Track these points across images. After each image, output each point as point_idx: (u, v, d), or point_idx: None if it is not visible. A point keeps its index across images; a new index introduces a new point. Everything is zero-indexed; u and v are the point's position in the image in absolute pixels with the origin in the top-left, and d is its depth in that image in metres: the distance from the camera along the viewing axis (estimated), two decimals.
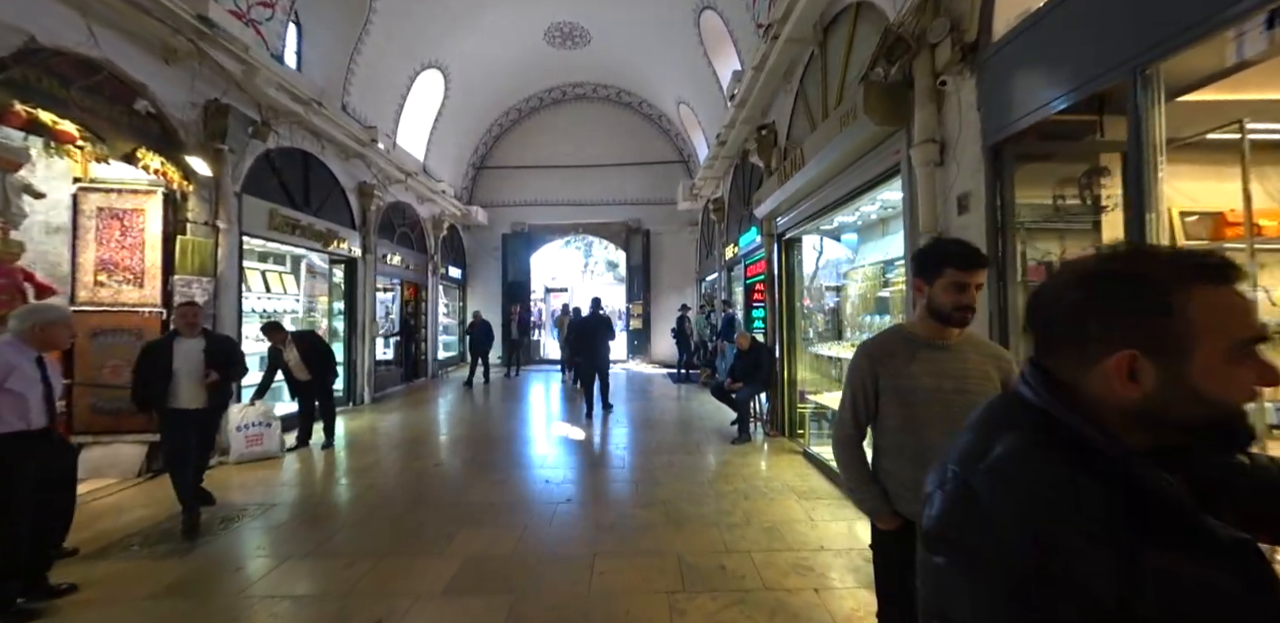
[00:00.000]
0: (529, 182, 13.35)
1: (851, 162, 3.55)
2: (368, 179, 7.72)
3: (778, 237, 5.75)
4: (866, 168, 3.43)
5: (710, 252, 11.06)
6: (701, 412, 7.04)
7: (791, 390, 5.64)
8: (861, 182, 3.55)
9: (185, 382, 3.25)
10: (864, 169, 3.46)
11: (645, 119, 13.19)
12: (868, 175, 3.44)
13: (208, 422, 3.49)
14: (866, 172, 3.43)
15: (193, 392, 3.28)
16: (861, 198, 3.79)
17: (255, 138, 5.14)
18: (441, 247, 10.99)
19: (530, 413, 7.14)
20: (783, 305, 5.70)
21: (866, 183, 3.50)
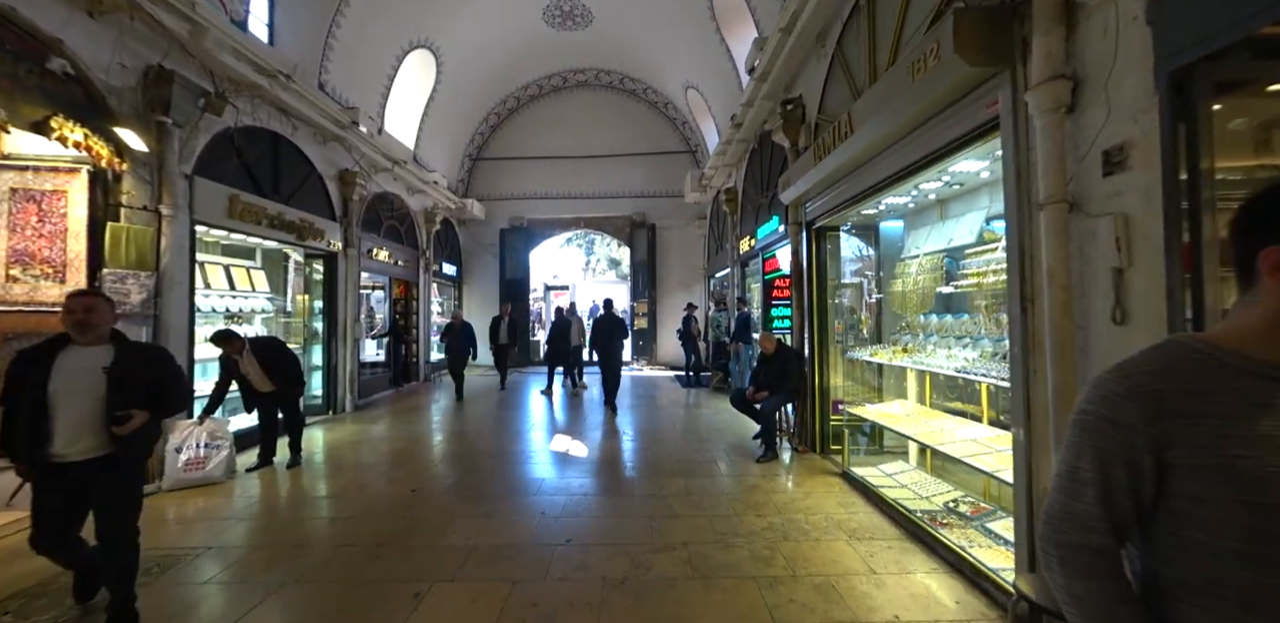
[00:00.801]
0: (528, 174, 12.67)
1: (920, 123, 2.84)
2: (349, 166, 7.04)
3: (807, 225, 5.05)
4: (941, 130, 2.72)
5: (721, 246, 10.35)
6: (716, 421, 6.35)
7: (824, 400, 4.95)
8: (931, 149, 2.85)
9: (67, 415, 2.13)
10: (937, 132, 2.76)
11: (650, 107, 12.49)
12: (942, 139, 2.73)
13: (110, 485, 2.19)
14: (940, 134, 2.73)
15: (80, 433, 2.14)
16: (924, 172, 3.08)
17: (209, 112, 4.46)
18: (434, 242, 10.32)
19: (527, 424, 6.46)
20: (813, 303, 5.00)
21: (938, 150, 2.80)
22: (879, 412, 3.97)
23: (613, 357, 6.97)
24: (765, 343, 5.02)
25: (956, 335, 3.40)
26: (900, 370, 4.32)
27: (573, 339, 8.52)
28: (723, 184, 9.28)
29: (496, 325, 8.83)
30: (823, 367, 4.96)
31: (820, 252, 4.99)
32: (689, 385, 9.16)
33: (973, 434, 3.13)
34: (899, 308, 4.13)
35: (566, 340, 8.61)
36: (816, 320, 4.98)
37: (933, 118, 2.74)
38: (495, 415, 6.84)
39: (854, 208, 4.15)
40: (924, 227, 3.98)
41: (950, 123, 2.65)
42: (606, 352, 6.96)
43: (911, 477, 3.91)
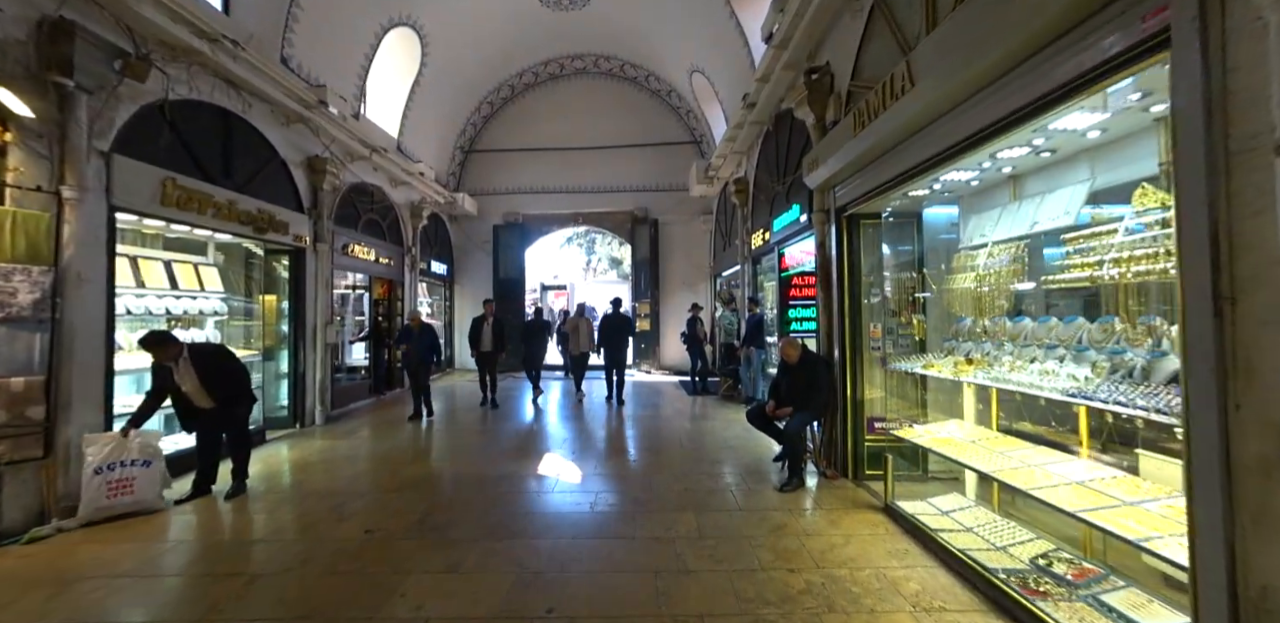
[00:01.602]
0: (523, 167, 11.96)
1: (1019, 61, 2.12)
2: (318, 152, 6.34)
3: (836, 212, 4.33)
4: (1050, 67, 2.00)
5: (729, 243, 9.64)
6: (727, 436, 5.63)
7: (857, 417, 4.23)
8: (1029, 99, 2.12)
9: None
10: (1044, 71, 2.03)
11: (652, 95, 11.77)
12: (1049, 81, 2.01)
13: None
14: (1048, 74, 2.01)
15: None
16: (1008, 134, 2.36)
17: (129, 77, 3.76)
18: (421, 238, 9.62)
19: (512, 442, 5.74)
20: (843, 304, 4.28)
21: (1041, 99, 2.08)
22: (933, 437, 3.25)
23: (619, 352, 7.61)
24: (788, 350, 4.30)
25: (1045, 343, 2.67)
26: (952, 384, 3.60)
27: (581, 345, 7.84)
28: (731, 174, 8.57)
29: (478, 328, 7.35)
30: (855, 378, 4.24)
31: (853, 243, 4.27)
32: (695, 393, 8.44)
33: (1073, 474, 2.41)
34: (957, 309, 3.41)
35: (540, 343, 8.07)
36: (848, 324, 4.26)
37: (1042, 50, 2.02)
38: (479, 430, 6.13)
39: (900, 189, 3.43)
40: (990, 210, 3.25)
41: (1068, 55, 1.92)
42: (612, 347, 7.57)
43: (975, 517, 3.19)
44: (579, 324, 7.91)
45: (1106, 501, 2.06)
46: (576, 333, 7.86)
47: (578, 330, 7.87)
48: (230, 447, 4.03)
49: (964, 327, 3.48)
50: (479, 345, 7.38)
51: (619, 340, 7.59)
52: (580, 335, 7.85)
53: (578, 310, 8.25)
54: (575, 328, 7.90)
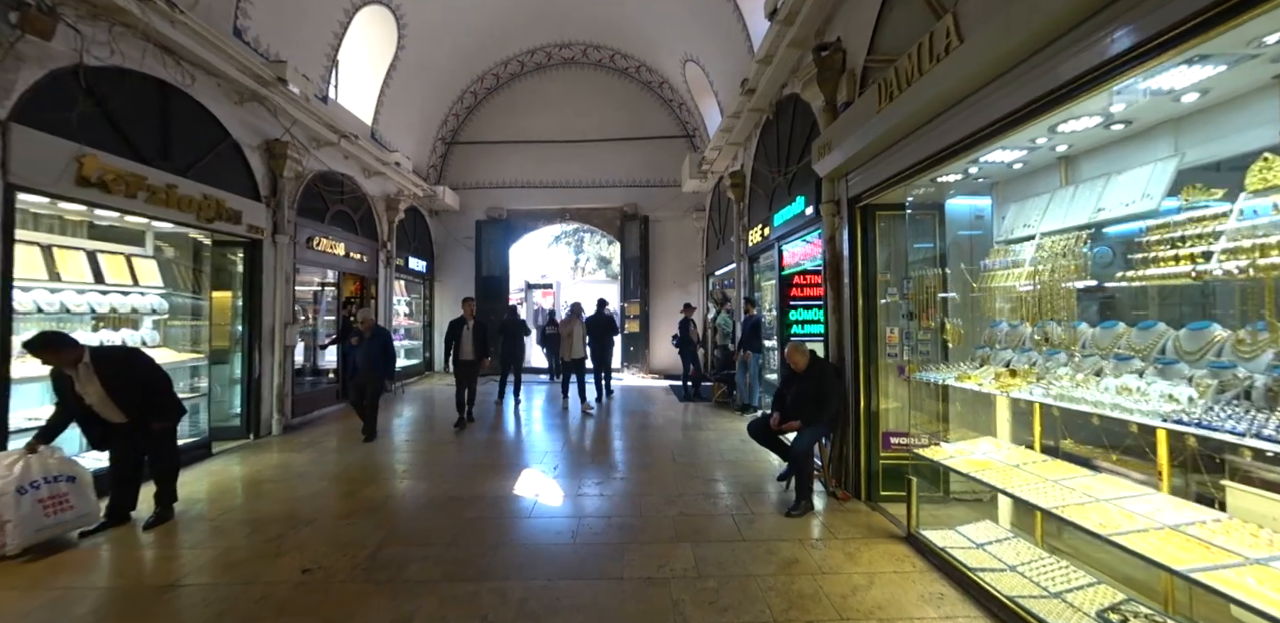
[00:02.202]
0: (508, 160, 11.42)
1: None
2: (278, 135, 5.76)
3: (850, 203, 3.90)
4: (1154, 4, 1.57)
5: (723, 240, 9.21)
6: (723, 448, 5.17)
7: (871, 431, 3.80)
8: (1122, 48, 1.69)
9: None
10: (1148, 7, 1.60)
11: (644, 87, 11.32)
12: (1159, 23, 1.57)
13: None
14: (1161, 13, 1.57)
15: None
16: (1083, 97, 1.93)
17: (30, 34, 3.19)
18: (398, 233, 9.04)
19: (486, 455, 5.23)
20: (856, 305, 3.85)
21: (1137, 49, 1.64)
22: (968, 459, 2.82)
23: (604, 353, 7.55)
24: (795, 356, 3.85)
25: (1111, 352, 2.25)
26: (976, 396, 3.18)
27: (576, 349, 7.11)
28: (726, 168, 8.14)
29: (457, 332, 6.14)
30: (869, 387, 3.81)
31: (867, 238, 3.84)
32: (687, 398, 7.99)
33: (1159, 513, 1.98)
34: (993, 311, 2.98)
35: (516, 343, 7.52)
36: (861, 327, 3.83)
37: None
38: (451, 441, 5.59)
39: (928, 174, 3.01)
40: (1034, 197, 2.83)
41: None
42: (598, 349, 7.46)
43: (1017, 552, 2.76)
44: (573, 327, 7.11)
45: (1221, 555, 1.63)
46: (570, 337, 7.06)
47: (572, 335, 7.07)
48: (152, 467, 3.47)
49: (999, 332, 3.06)
50: (459, 352, 6.11)
51: (605, 342, 7.49)
52: (574, 339, 7.06)
53: (571, 311, 7.30)
54: (570, 332, 7.09)
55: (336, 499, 3.85)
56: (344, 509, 3.65)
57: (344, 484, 4.19)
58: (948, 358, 3.68)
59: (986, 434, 3.27)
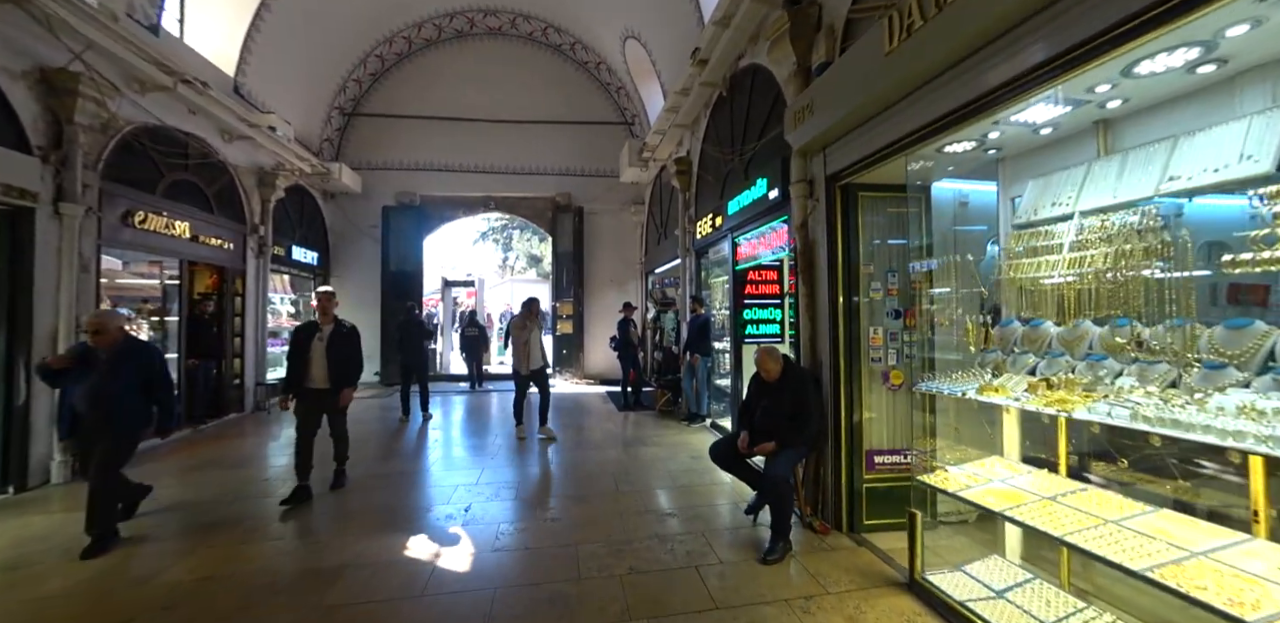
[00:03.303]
0: (422, 139, 10.03)
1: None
2: (60, 63, 4.18)
3: (828, 181, 3.30)
4: None
5: (664, 234, 8.55)
6: (673, 468, 4.44)
7: (853, 448, 3.21)
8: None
9: None
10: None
11: (579, 68, 10.42)
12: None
13: None
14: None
15: None
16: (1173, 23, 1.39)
17: None
18: (277, 216, 7.43)
19: (378, 495, 4.12)
20: (836, 302, 3.26)
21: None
22: (992, 491, 2.26)
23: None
24: (767, 363, 3.18)
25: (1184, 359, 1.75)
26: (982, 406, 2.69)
27: (536, 357, 5.46)
28: (670, 155, 7.47)
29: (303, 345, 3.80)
30: (850, 398, 3.23)
31: (848, 222, 3.26)
32: (627, 407, 7.20)
33: (1272, 572, 1.47)
34: (1027, 309, 2.47)
35: (417, 350, 6.35)
36: (842, 328, 3.24)
37: None
38: (322, 482, 4.38)
39: (938, 140, 2.43)
40: (1060, 171, 2.34)
41: None
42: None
43: (1047, 601, 2.24)
44: (531, 331, 5.44)
45: None
46: (529, 345, 5.40)
47: (529, 343, 5.41)
48: None
49: (1013, 332, 2.56)
50: (301, 376, 3.79)
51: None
52: (534, 346, 5.45)
53: (525, 309, 5.52)
54: (527, 338, 5.40)
55: (125, 586, 2.61)
56: (133, 605, 2.44)
57: (147, 560, 2.92)
58: (933, 364, 3.19)
59: (981, 450, 2.79)
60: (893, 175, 3.15)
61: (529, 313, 5.50)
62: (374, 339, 9.53)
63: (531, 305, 5.55)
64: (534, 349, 5.46)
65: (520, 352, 5.42)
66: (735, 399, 5.18)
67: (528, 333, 5.44)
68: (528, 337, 5.43)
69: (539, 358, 5.51)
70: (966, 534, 3.04)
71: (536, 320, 5.57)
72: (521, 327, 5.45)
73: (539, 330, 5.60)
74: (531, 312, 5.50)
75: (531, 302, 5.57)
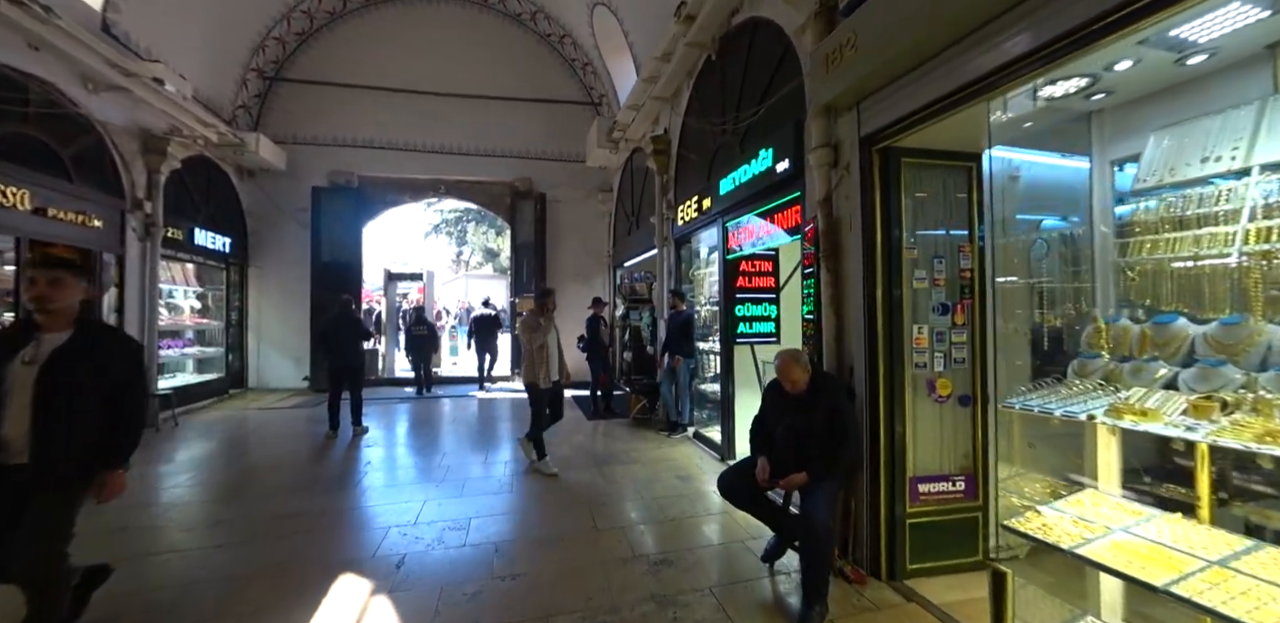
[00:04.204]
0: (361, 111, 8.83)
1: None
2: None
3: (863, 144, 2.66)
4: None
5: (636, 224, 7.81)
6: (660, 493, 3.71)
7: (893, 475, 2.59)
8: None
9: None
10: None
11: (541, 41, 9.49)
12: None
13: None
14: None
15: None
16: None
17: None
18: (170, 191, 6.15)
19: (283, 550, 3.19)
20: (874, 292, 2.63)
21: None
22: (1119, 546, 1.66)
23: None
24: (792, 372, 2.49)
25: None
26: (1069, 426, 2.12)
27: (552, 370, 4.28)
28: (645, 134, 6.72)
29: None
30: (890, 413, 2.60)
31: (890, 194, 2.63)
32: (597, 415, 6.42)
33: None
34: (1150, 300, 1.89)
35: (350, 352, 5.30)
36: (881, 326, 2.61)
37: None
38: (218, 521, 3.38)
39: (1049, 71, 1.81)
40: (1204, 117, 1.76)
41: None
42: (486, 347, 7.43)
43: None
44: (548, 335, 4.24)
45: None
46: (544, 351, 4.20)
47: (546, 348, 4.21)
48: None
49: (1116, 330, 1.98)
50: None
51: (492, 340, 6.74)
52: (551, 353, 4.25)
53: (539, 302, 4.44)
54: (543, 343, 4.19)
55: None
56: None
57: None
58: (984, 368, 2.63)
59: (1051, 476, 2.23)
60: (944, 137, 2.55)
61: (543, 307, 4.35)
62: (302, 339, 8.32)
63: (546, 299, 4.41)
64: (553, 355, 4.28)
65: (536, 359, 4.19)
66: (726, 407, 4.52)
67: (544, 334, 4.21)
68: (544, 339, 4.20)
69: (559, 369, 4.39)
70: (1024, 574, 2.49)
71: (549, 318, 4.36)
72: (534, 326, 4.23)
73: (556, 332, 4.39)
74: (546, 307, 4.35)
75: (546, 293, 4.48)
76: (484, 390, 8.45)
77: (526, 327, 4.31)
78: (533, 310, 4.39)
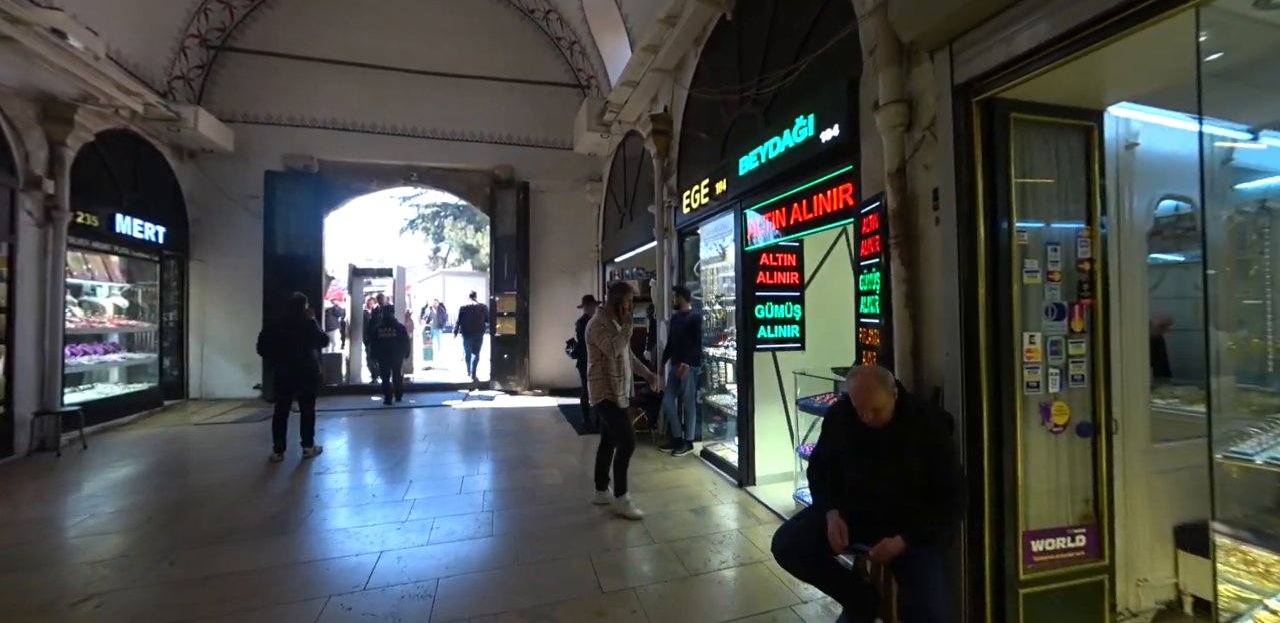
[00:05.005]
0: (322, 88, 7.93)
1: None
2: None
3: (957, 95, 2.03)
4: None
5: (630, 215, 7.13)
6: (676, 535, 3.04)
7: (999, 529, 1.97)
8: None
9: None
10: None
11: (524, 18, 8.72)
12: None
13: None
14: None
15: None
16: None
17: None
18: (83, 169, 5.21)
19: None
20: (976, 288, 2.00)
21: None
22: None
23: None
24: (874, 395, 1.83)
25: None
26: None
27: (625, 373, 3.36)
28: (641, 115, 6.04)
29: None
30: (997, 448, 1.98)
31: (994, 163, 2.01)
32: (589, 430, 5.72)
33: None
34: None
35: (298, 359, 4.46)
36: (984, 335, 1.99)
37: None
38: (117, 583, 2.58)
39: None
40: None
41: None
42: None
43: None
44: (620, 333, 3.29)
45: None
46: (621, 361, 3.32)
47: (623, 359, 3.35)
48: None
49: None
50: None
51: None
52: (625, 364, 3.35)
53: (612, 299, 3.40)
54: (620, 352, 3.30)
55: None
56: None
57: None
58: (1108, 387, 2.04)
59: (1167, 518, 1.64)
60: (1062, 87, 1.94)
61: (618, 308, 3.33)
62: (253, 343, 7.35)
63: (622, 296, 3.36)
64: (628, 367, 3.40)
65: (614, 371, 3.27)
66: (745, 424, 3.88)
67: (624, 340, 3.31)
68: (621, 348, 3.30)
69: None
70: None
71: (625, 316, 3.36)
72: (608, 328, 3.27)
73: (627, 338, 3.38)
74: (622, 307, 3.33)
75: (622, 289, 3.40)
76: (464, 399, 7.66)
77: (601, 329, 3.28)
78: (603, 309, 3.41)
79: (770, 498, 3.58)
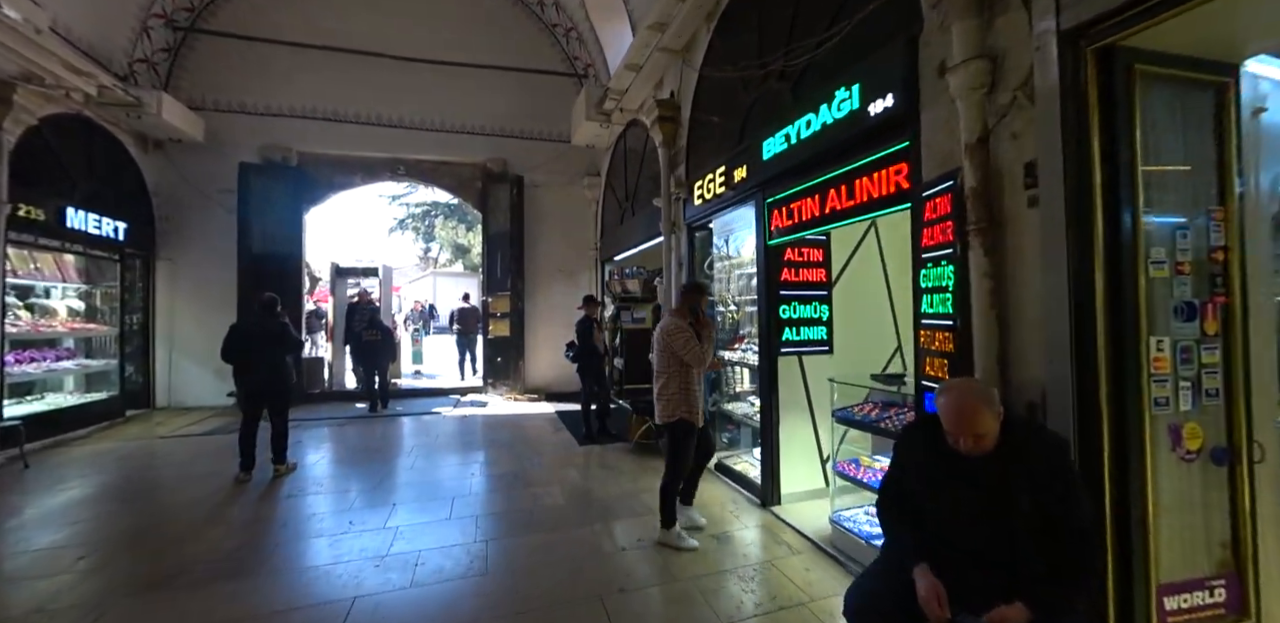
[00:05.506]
0: (302, 74, 7.43)
1: None
2: None
3: (1067, 40, 1.63)
4: None
5: (630, 211, 6.71)
6: (700, 567, 2.63)
7: (1125, 579, 1.57)
8: None
9: None
10: None
11: (516, 3, 8.26)
12: None
13: None
14: None
15: None
16: None
17: None
18: (26, 157, 4.70)
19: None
20: (1092, 286, 1.61)
21: None
22: None
23: None
24: (979, 419, 1.43)
25: None
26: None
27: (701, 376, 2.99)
28: (647, 100, 5.62)
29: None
30: (1123, 483, 1.59)
31: (1113, 127, 1.61)
32: (591, 440, 5.29)
33: None
34: None
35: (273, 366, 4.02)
36: (1104, 342, 1.59)
37: None
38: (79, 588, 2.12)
39: None
40: None
41: None
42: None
43: None
44: (707, 342, 2.90)
45: None
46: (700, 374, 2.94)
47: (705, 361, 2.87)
48: None
49: None
50: None
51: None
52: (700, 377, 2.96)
53: (685, 298, 3.00)
54: (701, 354, 2.82)
55: None
56: None
57: None
58: (1248, 405, 1.66)
59: None
60: (1193, 33, 1.55)
61: (695, 312, 2.93)
62: None
63: (699, 298, 2.96)
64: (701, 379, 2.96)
65: (693, 385, 2.86)
66: (769, 438, 3.48)
67: (710, 346, 2.89)
68: (710, 358, 2.92)
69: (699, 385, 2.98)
70: None
71: (708, 323, 2.98)
72: (686, 329, 2.81)
73: (708, 328, 2.99)
74: (700, 311, 2.96)
75: (698, 289, 2.99)
76: (455, 406, 7.19)
77: (687, 338, 2.77)
78: (677, 312, 2.95)
79: (800, 521, 3.18)
